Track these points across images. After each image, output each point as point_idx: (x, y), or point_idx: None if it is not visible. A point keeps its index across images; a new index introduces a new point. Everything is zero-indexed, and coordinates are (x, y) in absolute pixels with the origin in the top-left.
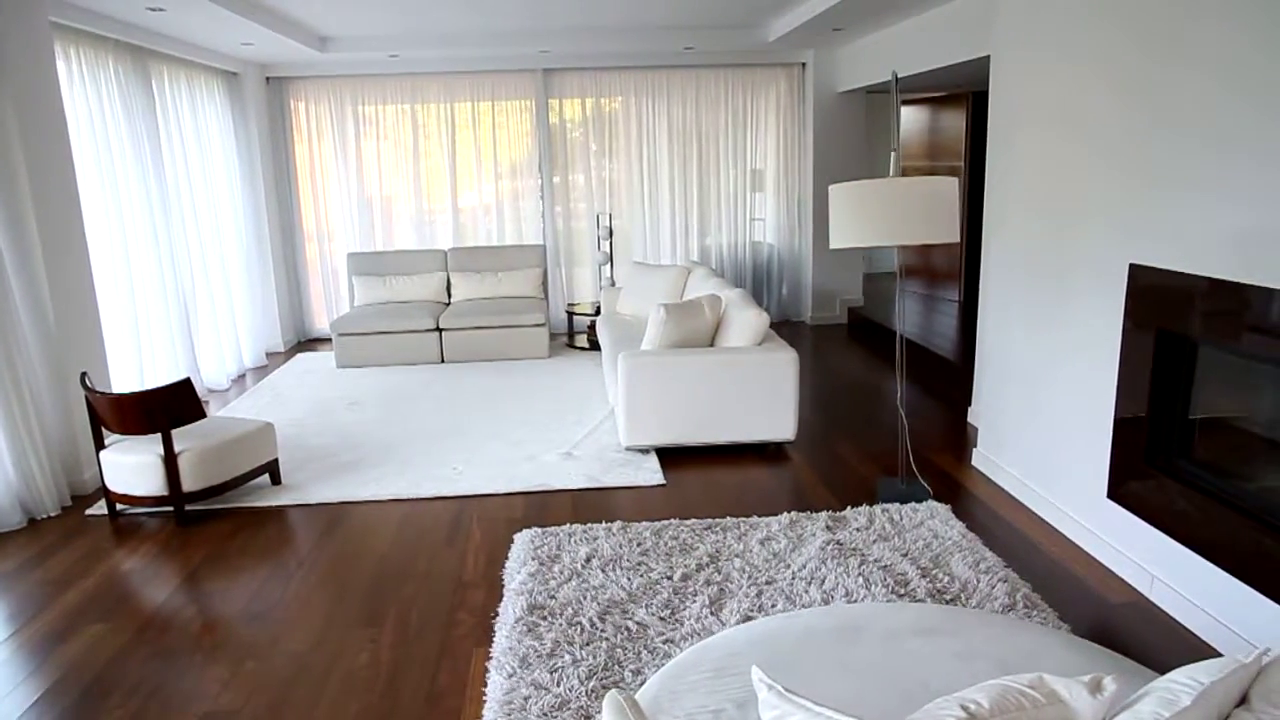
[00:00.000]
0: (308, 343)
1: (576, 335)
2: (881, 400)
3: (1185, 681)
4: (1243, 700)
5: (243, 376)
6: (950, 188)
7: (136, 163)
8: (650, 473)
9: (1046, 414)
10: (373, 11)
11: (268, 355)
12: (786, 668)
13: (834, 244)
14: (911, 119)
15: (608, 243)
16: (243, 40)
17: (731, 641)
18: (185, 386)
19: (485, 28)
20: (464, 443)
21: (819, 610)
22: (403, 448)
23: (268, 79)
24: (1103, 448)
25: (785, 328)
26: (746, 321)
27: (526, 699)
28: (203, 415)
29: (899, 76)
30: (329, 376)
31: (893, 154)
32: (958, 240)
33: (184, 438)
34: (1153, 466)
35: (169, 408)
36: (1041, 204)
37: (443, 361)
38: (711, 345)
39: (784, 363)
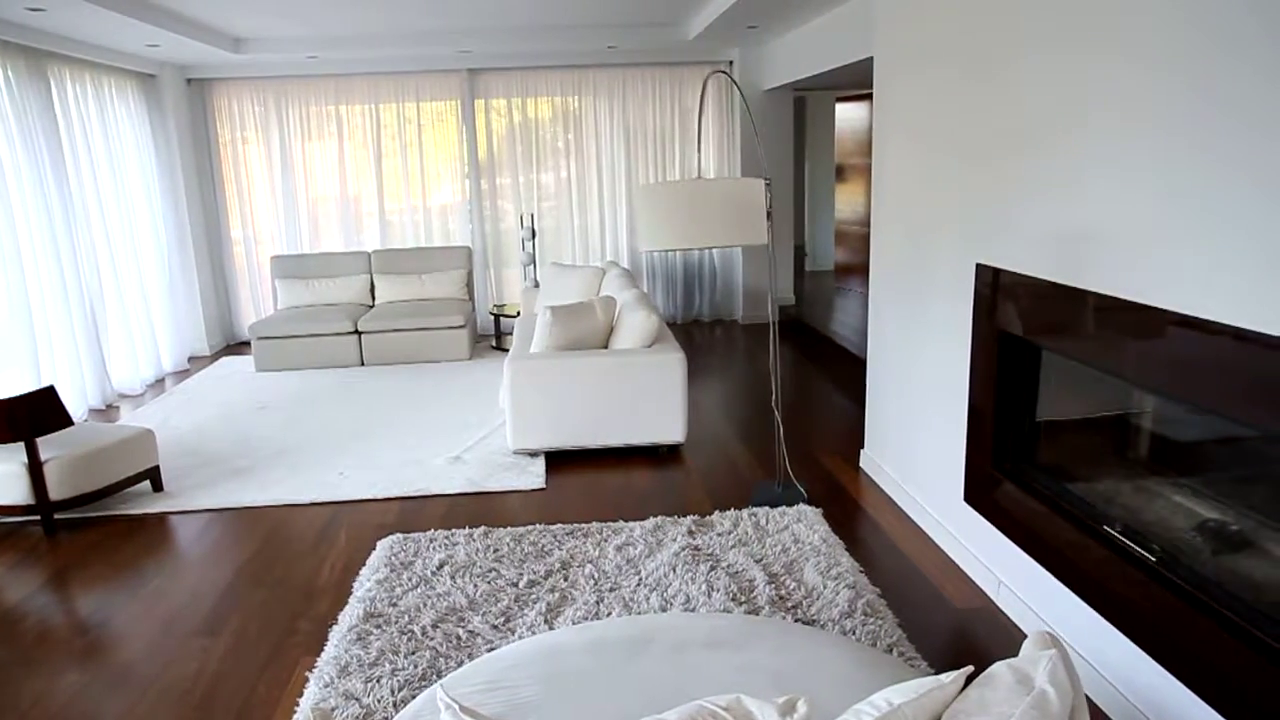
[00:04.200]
0: (236, 346)
1: (504, 337)
2: (791, 402)
3: (878, 703)
4: None
5: (161, 380)
6: (756, 189)
7: (31, 166)
8: (534, 477)
9: (915, 415)
10: (268, 13)
11: (191, 359)
12: (565, 681)
13: (643, 247)
14: (849, 116)
15: (532, 243)
16: (147, 42)
17: (515, 654)
18: (49, 394)
19: (395, 28)
20: (359, 447)
21: (617, 621)
22: (296, 452)
23: (188, 80)
24: (960, 449)
25: (717, 327)
26: (637, 323)
27: (334, 709)
28: (69, 423)
29: (819, 72)
30: (246, 380)
31: (698, 154)
32: (765, 242)
33: (52, 445)
34: (999, 470)
35: (32, 415)
36: (907, 198)
37: (362, 364)
38: (606, 347)
39: (671, 364)
